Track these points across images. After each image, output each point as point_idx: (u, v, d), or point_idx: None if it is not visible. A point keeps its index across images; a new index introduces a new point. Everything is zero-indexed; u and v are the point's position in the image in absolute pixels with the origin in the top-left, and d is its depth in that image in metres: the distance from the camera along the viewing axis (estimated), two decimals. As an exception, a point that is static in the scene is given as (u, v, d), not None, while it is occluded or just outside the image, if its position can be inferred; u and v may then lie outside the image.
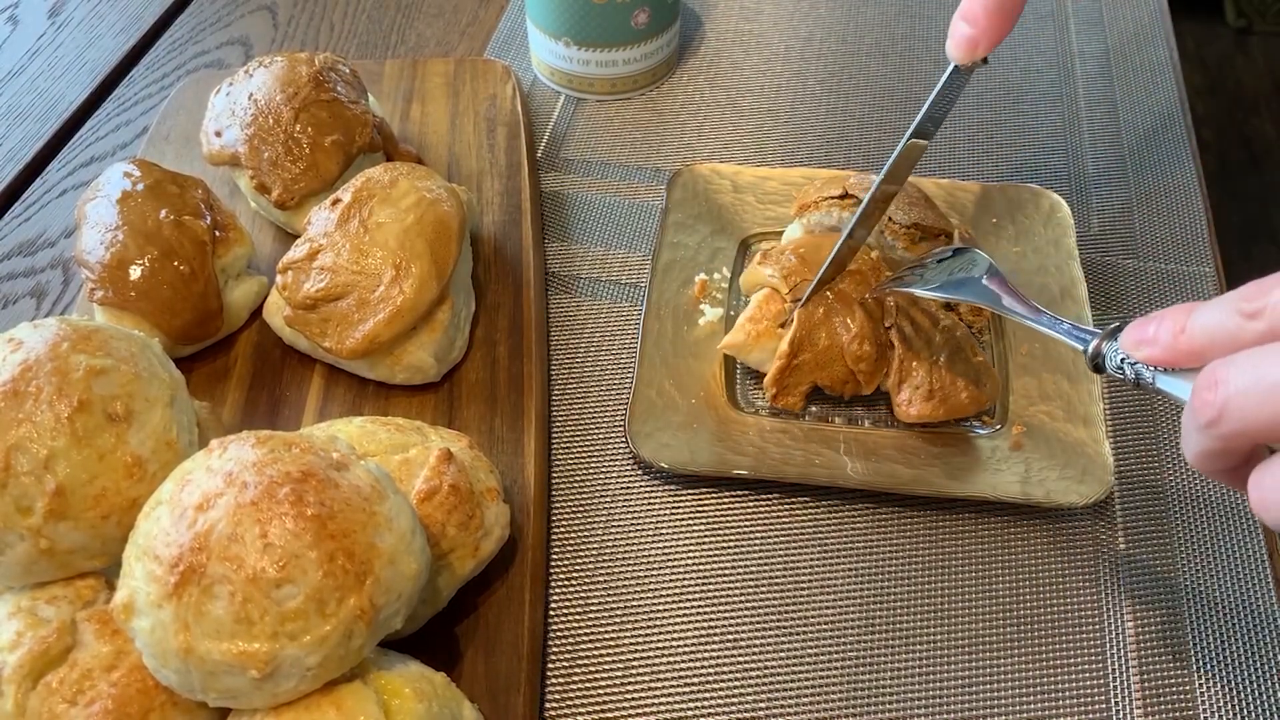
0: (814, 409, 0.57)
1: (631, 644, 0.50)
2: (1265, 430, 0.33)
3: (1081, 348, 0.43)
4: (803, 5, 0.85)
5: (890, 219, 0.58)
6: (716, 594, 0.52)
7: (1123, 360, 0.40)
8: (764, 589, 0.52)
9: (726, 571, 0.52)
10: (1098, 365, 0.42)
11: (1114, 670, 0.49)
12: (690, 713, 0.48)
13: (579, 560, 0.53)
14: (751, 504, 0.55)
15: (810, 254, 0.57)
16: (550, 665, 0.49)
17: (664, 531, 0.54)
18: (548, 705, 0.48)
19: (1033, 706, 0.48)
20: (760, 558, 0.53)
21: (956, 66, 0.51)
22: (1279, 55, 1.88)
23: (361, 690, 0.39)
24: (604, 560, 0.53)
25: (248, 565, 0.36)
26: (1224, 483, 0.37)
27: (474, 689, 0.46)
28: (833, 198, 0.60)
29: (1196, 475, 0.55)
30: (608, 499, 0.55)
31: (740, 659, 0.49)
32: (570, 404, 0.59)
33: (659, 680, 0.49)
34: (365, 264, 0.55)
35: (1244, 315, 0.34)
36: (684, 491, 0.55)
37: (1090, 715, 0.48)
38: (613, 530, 0.54)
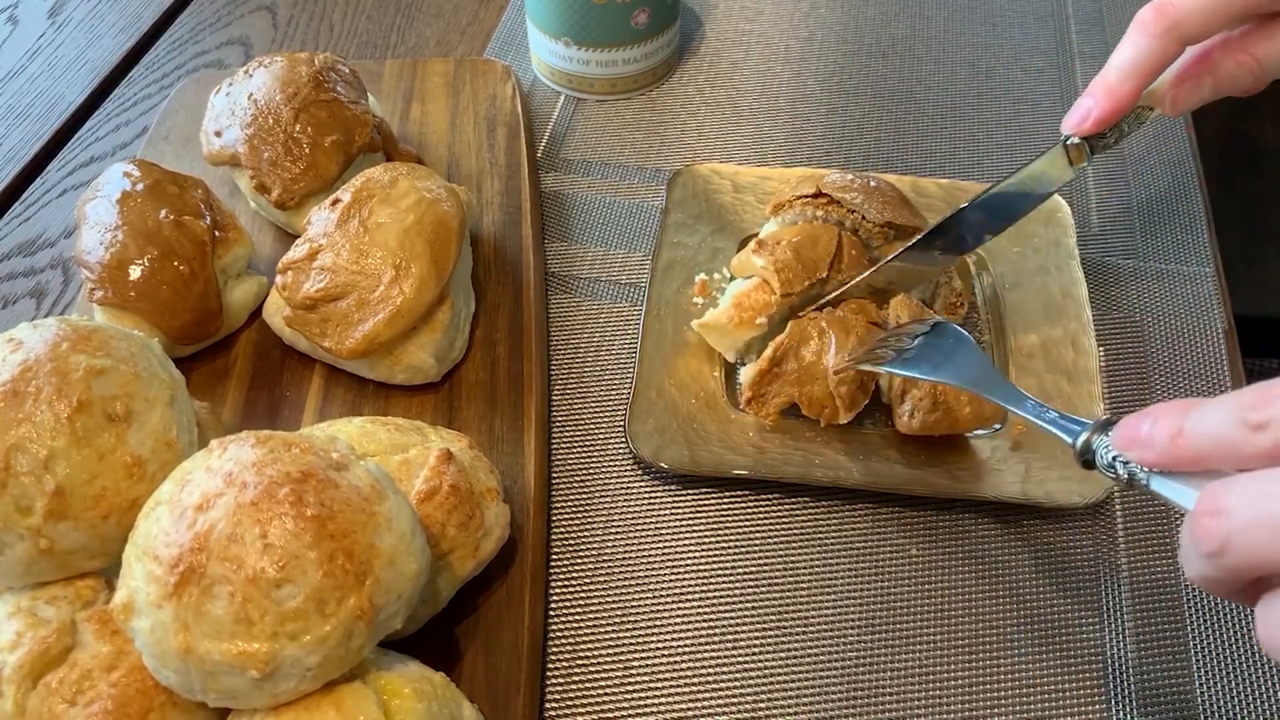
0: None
1: (631, 644, 0.50)
2: (1273, 565, 0.30)
3: (1070, 440, 0.40)
4: (803, 5, 0.85)
5: (864, 218, 0.58)
6: (716, 594, 0.52)
7: (1114, 459, 0.37)
8: (764, 589, 0.52)
9: (726, 571, 0.52)
10: (1088, 461, 0.39)
11: (1114, 670, 0.49)
12: (690, 713, 0.48)
13: (579, 560, 0.53)
14: (751, 504, 0.55)
15: (806, 248, 0.57)
16: (550, 665, 0.49)
17: (664, 531, 0.54)
18: (548, 705, 0.48)
19: (1033, 706, 0.48)
20: (760, 558, 0.53)
21: (1065, 140, 0.51)
22: (1279, 55, 1.87)
23: (361, 690, 0.39)
24: (604, 560, 0.53)
25: (248, 565, 0.36)
26: (1230, 599, 0.34)
27: (474, 689, 0.46)
28: (806, 196, 0.60)
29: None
30: (608, 499, 0.55)
31: (740, 659, 0.49)
32: (570, 404, 0.59)
33: (659, 680, 0.49)
34: (365, 264, 0.55)
35: (1249, 426, 0.31)
36: (684, 491, 0.55)
37: (1090, 715, 0.48)
38: (613, 530, 0.54)
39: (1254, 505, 0.30)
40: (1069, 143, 0.52)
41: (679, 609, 0.51)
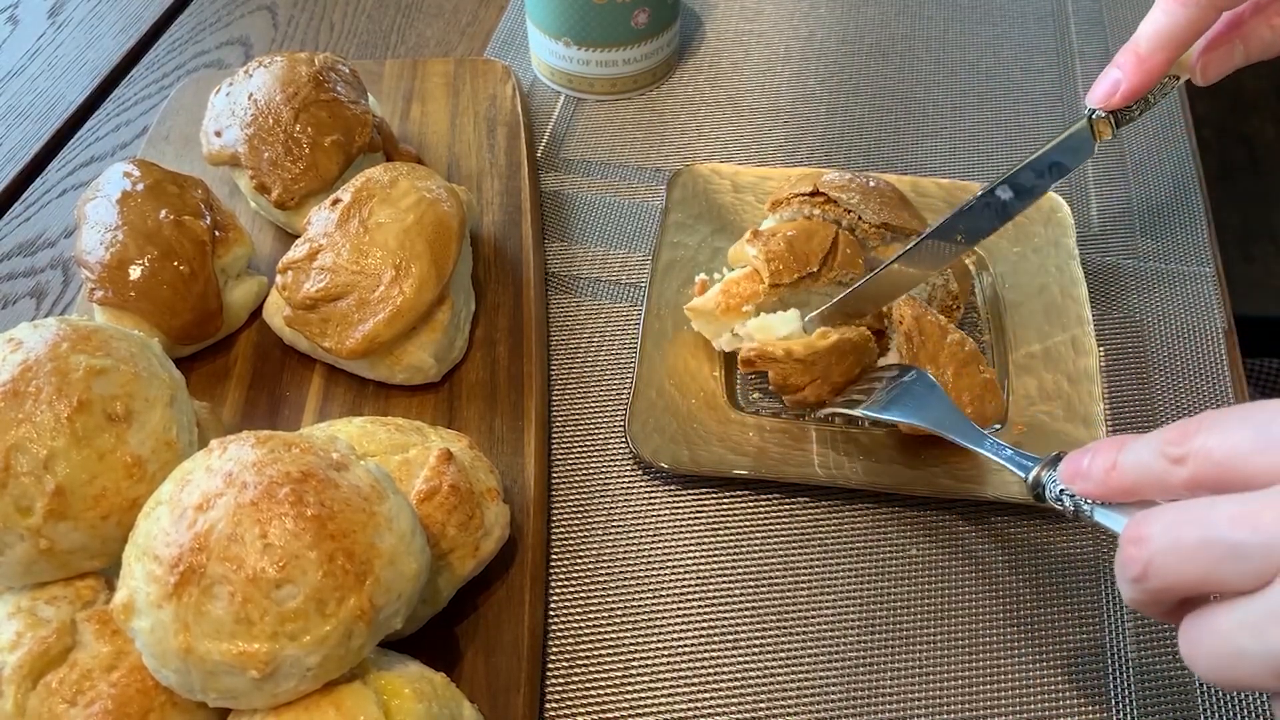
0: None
1: (631, 644, 0.50)
2: (1191, 587, 0.32)
3: (1023, 475, 0.44)
4: (803, 5, 0.85)
5: (860, 218, 0.58)
6: (716, 594, 0.52)
7: (1061, 491, 0.40)
8: (764, 589, 0.52)
9: (726, 571, 0.52)
10: (1039, 494, 0.42)
11: (1114, 670, 0.49)
12: (690, 713, 0.48)
13: (579, 560, 0.53)
14: (751, 504, 0.55)
15: (800, 241, 0.57)
16: (550, 665, 0.49)
17: (664, 531, 0.54)
18: (548, 705, 0.48)
19: (1033, 706, 0.48)
20: (760, 558, 0.53)
21: (1090, 114, 0.50)
22: (1279, 55, 1.87)
23: (361, 690, 0.39)
24: (604, 560, 0.53)
25: (248, 565, 0.36)
26: (1163, 621, 0.37)
27: (474, 689, 0.46)
28: (803, 195, 0.60)
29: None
30: (608, 499, 0.55)
31: (740, 659, 0.49)
32: (570, 404, 0.59)
33: (659, 680, 0.49)
34: (365, 264, 0.55)
35: (1169, 459, 0.34)
36: (684, 491, 0.55)
37: (1090, 715, 0.48)
38: (613, 530, 0.54)
39: (1169, 531, 0.33)
40: (1095, 116, 0.51)
41: (679, 609, 0.51)
